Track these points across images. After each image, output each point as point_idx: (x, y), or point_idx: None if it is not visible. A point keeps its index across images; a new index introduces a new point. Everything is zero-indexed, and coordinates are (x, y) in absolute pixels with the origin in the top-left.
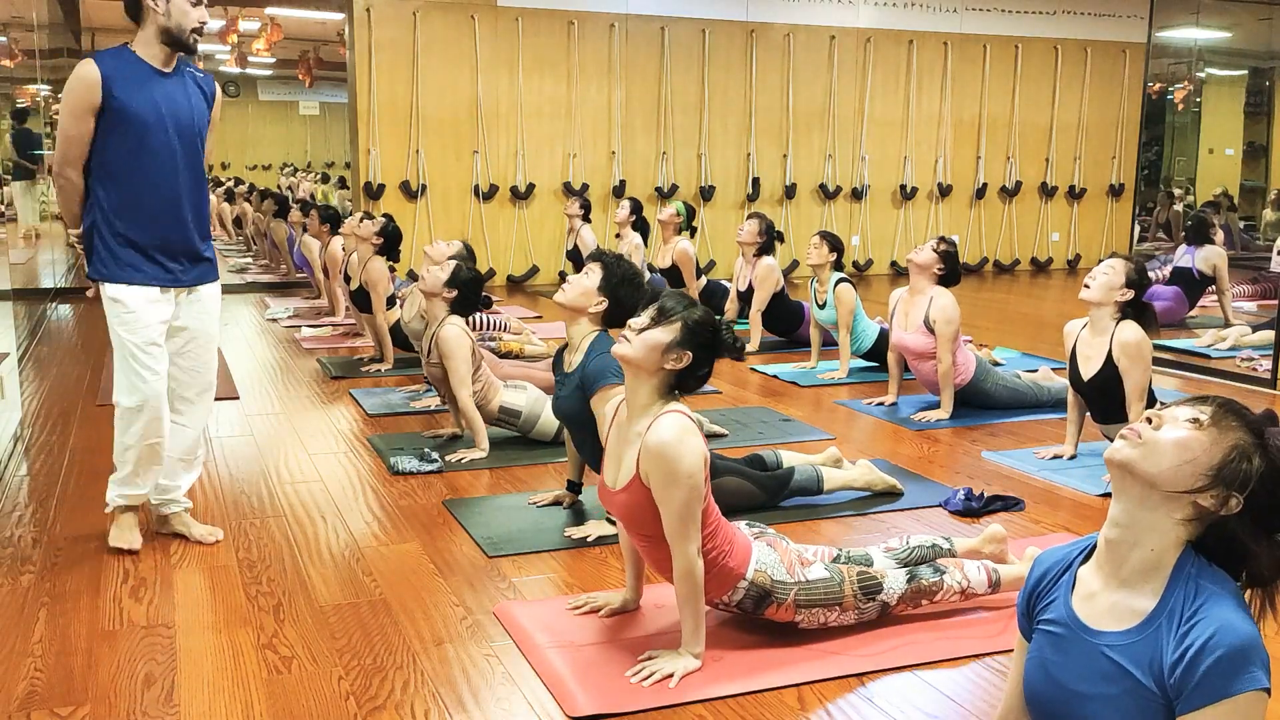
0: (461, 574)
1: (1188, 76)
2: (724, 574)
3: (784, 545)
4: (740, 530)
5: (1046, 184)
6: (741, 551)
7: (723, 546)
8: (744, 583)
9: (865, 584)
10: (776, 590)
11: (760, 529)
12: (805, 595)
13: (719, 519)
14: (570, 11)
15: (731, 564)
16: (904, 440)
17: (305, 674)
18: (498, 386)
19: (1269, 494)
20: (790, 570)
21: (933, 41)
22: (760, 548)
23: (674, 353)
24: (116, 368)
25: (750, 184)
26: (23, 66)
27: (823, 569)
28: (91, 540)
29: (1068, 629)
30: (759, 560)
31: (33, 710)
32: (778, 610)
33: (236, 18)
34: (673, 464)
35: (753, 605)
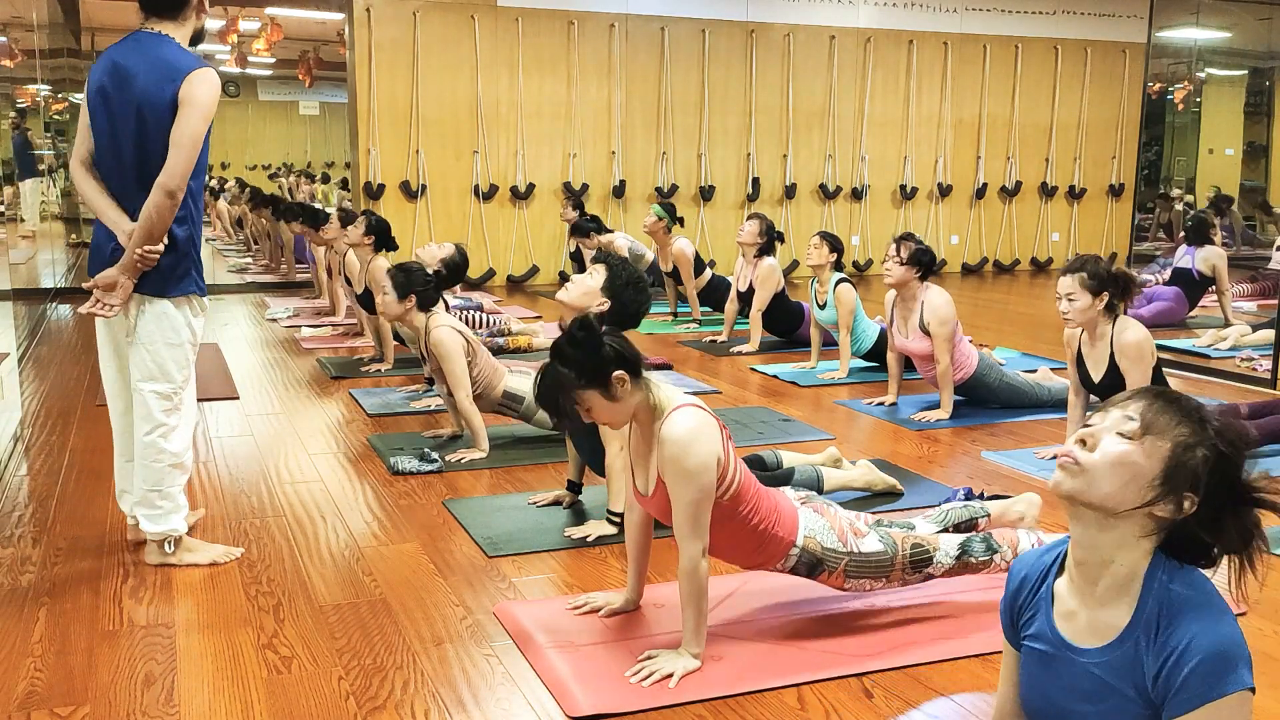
0: (461, 574)
1: (1188, 76)
2: (774, 543)
3: (833, 511)
4: (786, 496)
5: (1046, 184)
6: (789, 520)
7: (768, 517)
8: (795, 550)
9: (917, 556)
10: (828, 559)
11: (806, 494)
12: (856, 566)
13: (759, 490)
14: (570, 11)
15: (780, 533)
16: (904, 440)
17: (305, 674)
18: (502, 372)
19: (1221, 479)
20: (842, 538)
21: (933, 41)
22: (807, 514)
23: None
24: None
25: (750, 184)
26: (23, 66)
27: (877, 540)
28: (91, 540)
29: (1053, 647)
30: (807, 527)
31: (33, 710)
32: (829, 577)
33: (236, 18)
34: (680, 462)
35: (806, 571)
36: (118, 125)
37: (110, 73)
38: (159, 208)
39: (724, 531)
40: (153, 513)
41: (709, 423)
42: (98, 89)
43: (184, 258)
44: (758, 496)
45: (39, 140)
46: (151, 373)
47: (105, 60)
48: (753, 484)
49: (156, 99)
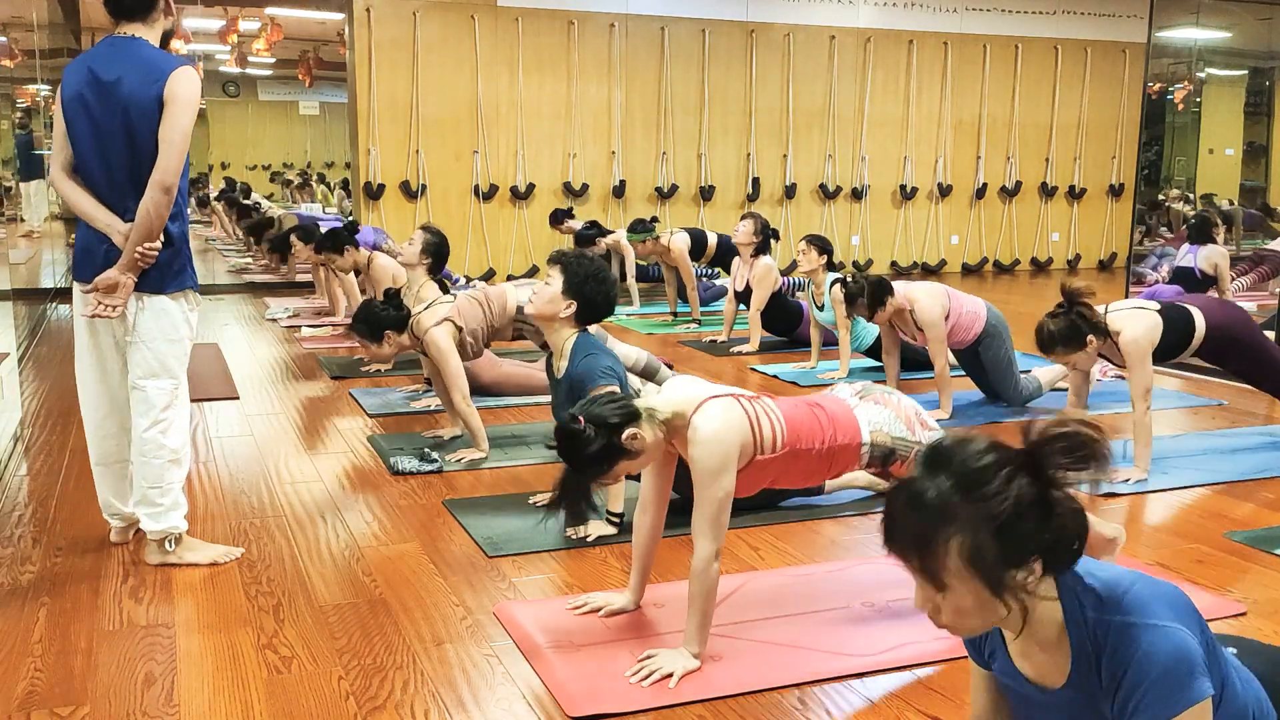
0: (461, 574)
1: (1188, 76)
2: (843, 453)
3: (895, 400)
4: (837, 399)
5: (1046, 184)
6: (847, 425)
7: (827, 434)
8: (864, 448)
9: None
10: (899, 447)
11: (864, 387)
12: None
13: (811, 418)
14: (570, 11)
15: (844, 440)
16: None
17: (305, 674)
18: (505, 295)
19: (1027, 519)
20: (910, 426)
21: (933, 41)
22: (866, 409)
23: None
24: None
25: (750, 184)
26: (23, 66)
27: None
28: (91, 540)
29: (1019, 684)
30: (871, 422)
31: (33, 710)
32: (901, 466)
33: (236, 18)
34: (704, 462)
35: (881, 463)
36: (103, 129)
37: (89, 80)
38: (157, 204)
39: (794, 469)
40: (153, 510)
41: (731, 415)
42: (76, 96)
43: (178, 253)
44: (812, 424)
45: (41, 139)
46: (153, 369)
47: (80, 68)
48: (803, 417)
49: (143, 99)
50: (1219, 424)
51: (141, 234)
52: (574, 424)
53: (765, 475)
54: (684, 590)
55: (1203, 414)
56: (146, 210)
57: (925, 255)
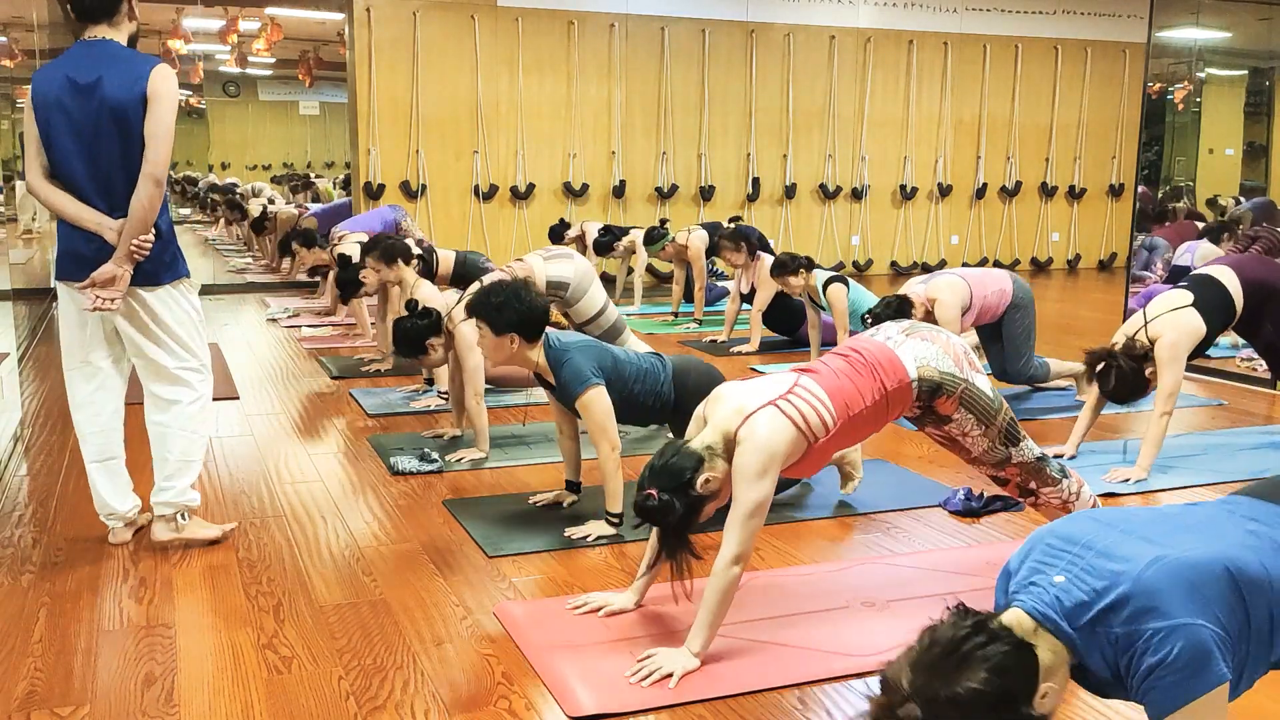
0: (461, 574)
1: (1188, 76)
2: (898, 396)
3: (944, 338)
4: (876, 342)
5: (1046, 184)
6: (890, 366)
7: (873, 386)
8: (914, 383)
9: (1012, 428)
10: (946, 382)
11: (911, 325)
12: (970, 397)
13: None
14: (570, 11)
15: (892, 384)
16: (904, 440)
17: (305, 674)
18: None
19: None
20: (958, 364)
21: (933, 41)
22: (912, 345)
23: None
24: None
25: (750, 184)
26: (23, 66)
27: (989, 385)
28: (91, 540)
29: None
30: (917, 358)
31: (33, 710)
32: (945, 401)
33: (236, 18)
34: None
35: (928, 397)
36: (85, 131)
37: (66, 85)
38: (151, 197)
39: (854, 433)
40: (179, 484)
41: (775, 426)
42: (53, 102)
43: (167, 245)
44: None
45: None
46: (182, 355)
47: (54, 75)
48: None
49: (128, 98)
50: (1219, 424)
51: (136, 227)
52: (648, 501)
53: (827, 452)
54: None
55: (1202, 414)
56: (140, 203)
57: (925, 255)
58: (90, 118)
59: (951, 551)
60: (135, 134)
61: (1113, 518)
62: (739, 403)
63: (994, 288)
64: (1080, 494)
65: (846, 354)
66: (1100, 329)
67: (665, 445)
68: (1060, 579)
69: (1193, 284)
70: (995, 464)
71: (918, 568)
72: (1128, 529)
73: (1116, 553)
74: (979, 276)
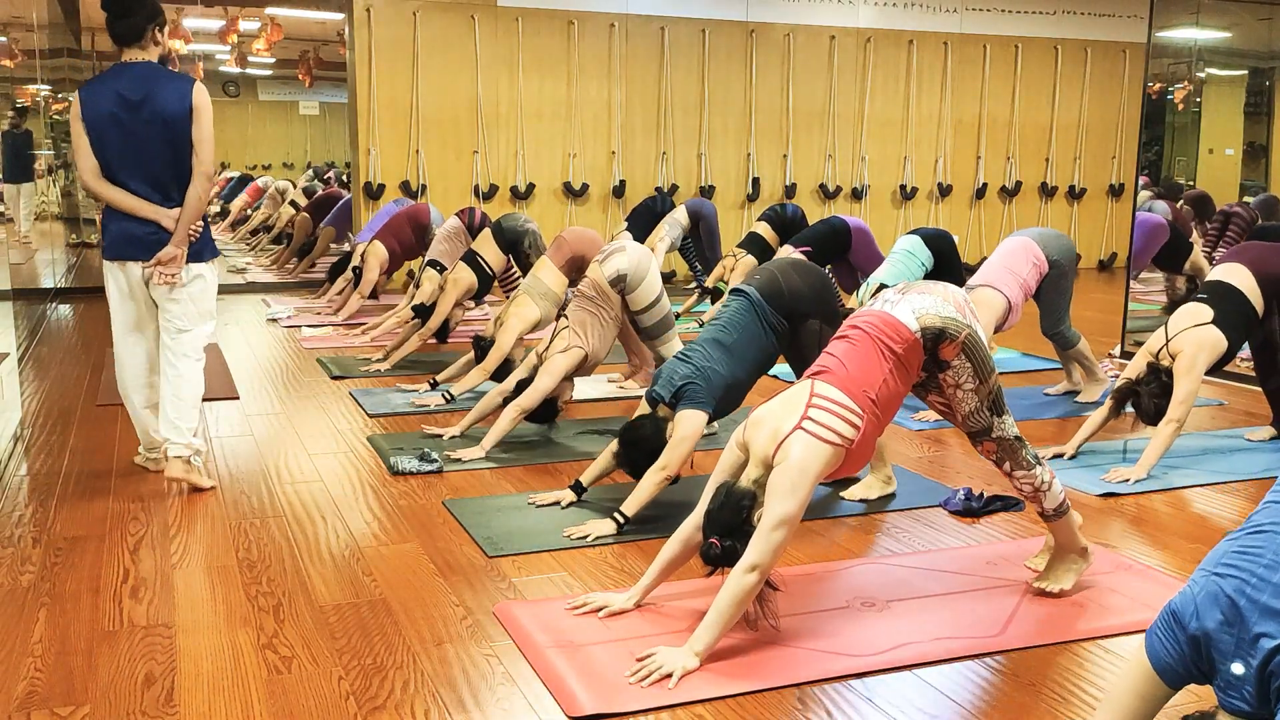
0: (461, 574)
1: (1188, 76)
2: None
3: (941, 287)
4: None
5: (1046, 184)
6: (891, 330)
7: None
8: (918, 335)
9: (999, 395)
10: (949, 326)
11: (905, 285)
12: (972, 343)
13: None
14: (570, 11)
15: (900, 347)
16: (904, 440)
17: (305, 674)
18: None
19: None
20: (960, 310)
21: (933, 41)
22: (908, 300)
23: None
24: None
25: (750, 184)
26: (23, 66)
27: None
28: (91, 540)
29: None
30: (915, 310)
31: (33, 710)
32: (948, 346)
33: (236, 18)
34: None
35: (933, 343)
36: (138, 139)
37: (118, 100)
38: (205, 190)
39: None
40: (187, 422)
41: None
42: (107, 115)
43: (206, 229)
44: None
45: (41, 140)
46: (197, 319)
47: (105, 92)
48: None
49: (178, 111)
50: (1219, 424)
51: (191, 215)
52: (712, 550)
53: (869, 443)
54: (686, 590)
55: (1202, 414)
56: (197, 195)
57: None
58: (142, 127)
59: (951, 551)
60: (181, 140)
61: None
62: (773, 426)
63: (1027, 272)
64: (1052, 486)
65: (847, 334)
66: (1100, 329)
67: (718, 489)
68: (1239, 669)
69: (1211, 297)
70: (977, 431)
71: (918, 568)
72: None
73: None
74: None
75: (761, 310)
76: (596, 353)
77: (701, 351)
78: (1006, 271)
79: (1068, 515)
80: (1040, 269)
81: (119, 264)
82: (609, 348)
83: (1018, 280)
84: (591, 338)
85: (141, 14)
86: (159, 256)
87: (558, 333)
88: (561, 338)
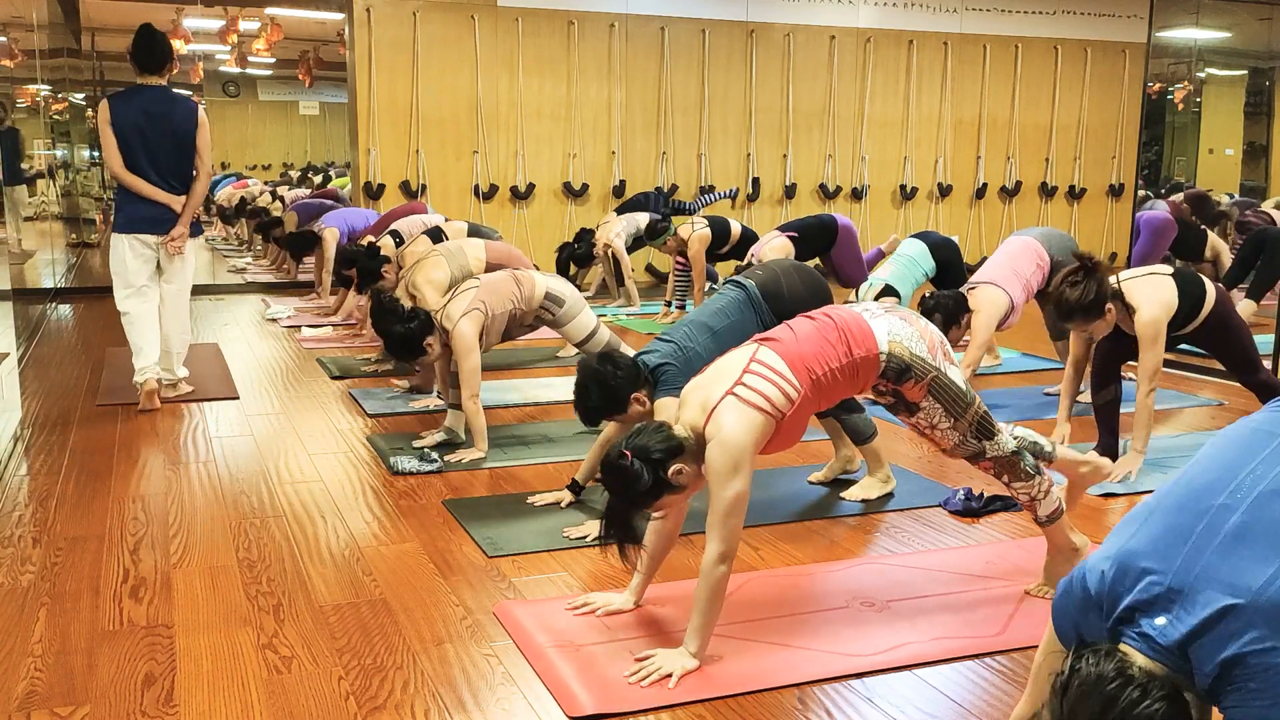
0: (461, 574)
1: (1188, 76)
2: (865, 366)
3: (923, 324)
4: (851, 311)
5: (1046, 184)
6: (861, 334)
7: (839, 352)
8: (883, 357)
9: (985, 422)
10: (915, 365)
11: (892, 304)
12: (939, 387)
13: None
14: (570, 11)
15: (860, 352)
16: (904, 440)
17: (305, 674)
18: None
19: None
20: (932, 351)
21: (933, 41)
22: (889, 321)
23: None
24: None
25: (750, 184)
26: (23, 66)
27: (962, 379)
28: (91, 540)
29: None
30: (891, 333)
31: (33, 710)
32: (913, 387)
33: (236, 18)
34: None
35: (894, 377)
36: (155, 146)
37: (143, 115)
38: (205, 187)
39: (829, 392)
40: (179, 355)
41: (740, 418)
42: (133, 125)
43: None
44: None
45: (39, 140)
46: (189, 279)
47: (133, 107)
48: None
49: (188, 128)
50: (1219, 424)
51: (195, 205)
52: (621, 459)
53: (800, 421)
54: (685, 590)
55: (1202, 414)
56: (199, 190)
57: None
58: (159, 137)
59: (951, 551)
60: (188, 148)
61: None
62: (703, 396)
63: (1031, 272)
64: (1050, 492)
65: (816, 318)
66: None
67: (658, 423)
68: (1162, 621)
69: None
70: (970, 457)
71: (918, 568)
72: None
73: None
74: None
75: (757, 306)
76: (498, 316)
77: (685, 332)
78: (1010, 271)
79: (1061, 519)
80: (1044, 269)
81: (135, 237)
82: (496, 340)
83: (1021, 280)
84: (496, 305)
85: (164, 55)
86: (173, 233)
87: (462, 291)
88: (465, 296)
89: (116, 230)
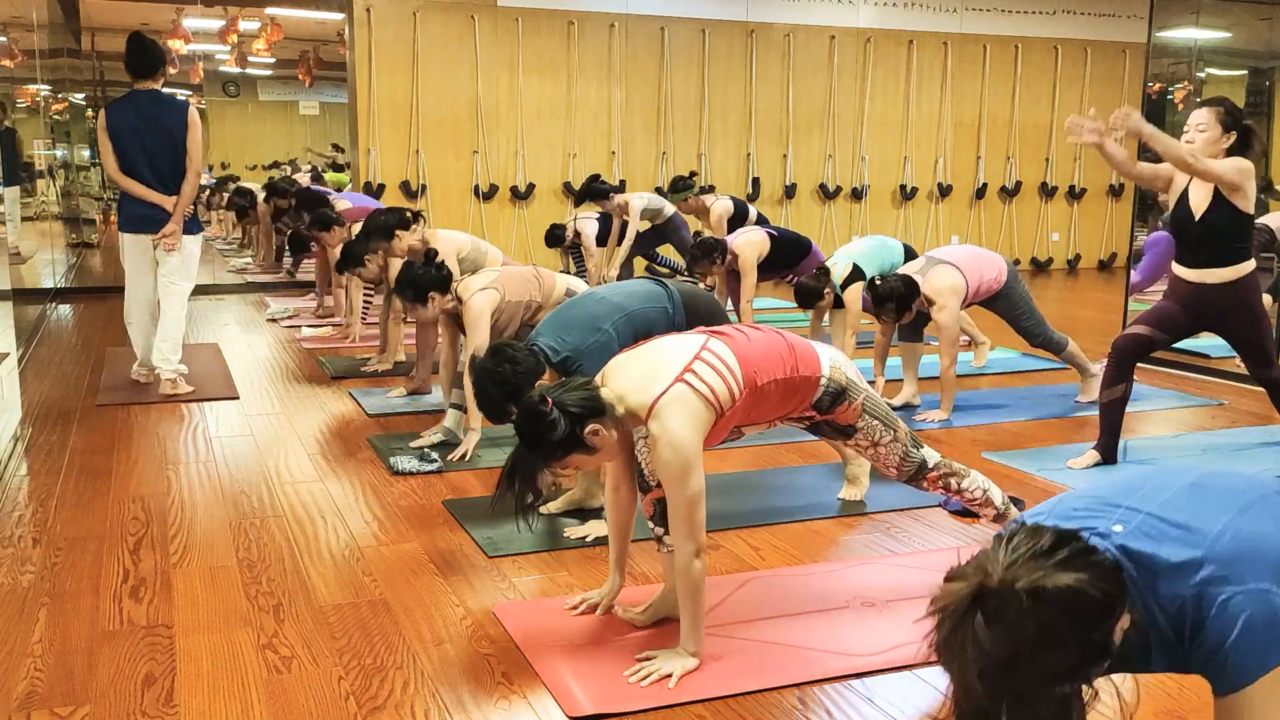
0: (461, 574)
1: (1188, 76)
2: (805, 385)
3: (843, 358)
4: (800, 338)
5: (1046, 184)
6: (809, 358)
7: (787, 366)
8: (823, 382)
9: (912, 435)
10: (851, 388)
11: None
12: (873, 404)
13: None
14: (570, 11)
15: (805, 373)
16: None
17: (305, 674)
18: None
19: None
20: (859, 377)
21: (933, 41)
22: (832, 351)
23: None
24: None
25: (750, 184)
26: (23, 66)
27: (881, 399)
28: (91, 540)
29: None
30: (832, 360)
31: (33, 710)
32: (847, 409)
33: (236, 18)
34: (669, 467)
35: (830, 402)
36: (150, 147)
37: (138, 117)
38: (194, 185)
39: (761, 405)
40: (176, 355)
41: (687, 411)
42: (129, 128)
43: (195, 212)
44: (769, 354)
45: (38, 140)
46: (185, 275)
47: (129, 111)
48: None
49: (179, 129)
50: (1219, 424)
51: (185, 203)
52: (541, 405)
53: (724, 428)
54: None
55: (1202, 414)
56: (189, 188)
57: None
58: (153, 139)
59: (951, 551)
60: (180, 149)
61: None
62: (644, 373)
63: (991, 274)
64: (989, 488)
65: (765, 330)
66: (1101, 329)
67: (584, 379)
68: (1119, 528)
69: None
70: (915, 474)
71: (918, 568)
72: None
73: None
74: (976, 263)
75: (675, 309)
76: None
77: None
78: (974, 265)
79: (1009, 511)
80: (1000, 279)
81: (132, 235)
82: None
83: (979, 279)
84: (513, 294)
85: (155, 61)
86: (164, 231)
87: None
88: (486, 275)
89: (119, 229)
